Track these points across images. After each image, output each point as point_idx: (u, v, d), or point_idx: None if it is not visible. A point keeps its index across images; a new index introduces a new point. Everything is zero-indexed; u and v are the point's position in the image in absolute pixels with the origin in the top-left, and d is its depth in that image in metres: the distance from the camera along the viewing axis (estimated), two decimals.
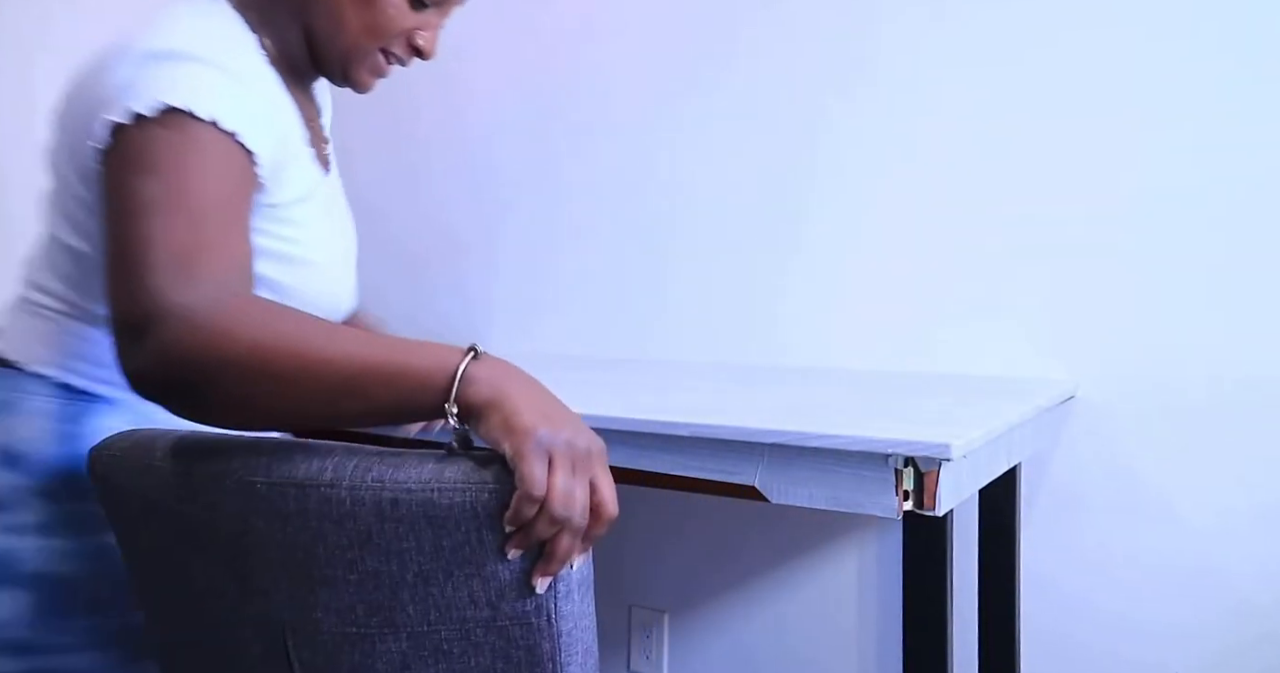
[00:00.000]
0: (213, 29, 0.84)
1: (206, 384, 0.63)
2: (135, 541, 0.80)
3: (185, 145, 0.73)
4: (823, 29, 1.55)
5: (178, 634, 0.81)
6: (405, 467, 0.64)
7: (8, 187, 1.83)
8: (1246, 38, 1.26)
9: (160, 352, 0.63)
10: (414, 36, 0.92)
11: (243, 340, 0.63)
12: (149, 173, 0.71)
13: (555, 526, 0.61)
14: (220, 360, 0.63)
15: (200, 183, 0.72)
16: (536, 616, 0.64)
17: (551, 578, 0.63)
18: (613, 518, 0.63)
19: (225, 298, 0.66)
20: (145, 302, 0.65)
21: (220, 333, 0.63)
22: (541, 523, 0.61)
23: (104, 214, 0.74)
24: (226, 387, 0.63)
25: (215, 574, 0.73)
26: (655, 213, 1.73)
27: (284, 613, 0.70)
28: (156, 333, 0.64)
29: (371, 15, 0.88)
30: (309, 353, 0.63)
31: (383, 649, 0.67)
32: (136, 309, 0.65)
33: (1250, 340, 1.27)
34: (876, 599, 1.54)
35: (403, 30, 0.91)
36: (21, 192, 1.34)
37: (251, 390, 0.63)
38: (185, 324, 0.63)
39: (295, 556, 0.67)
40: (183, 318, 0.63)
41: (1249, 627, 1.29)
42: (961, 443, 0.90)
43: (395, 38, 0.91)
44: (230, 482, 0.68)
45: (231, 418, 0.66)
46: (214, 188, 0.73)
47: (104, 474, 0.79)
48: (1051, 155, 1.38)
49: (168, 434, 0.76)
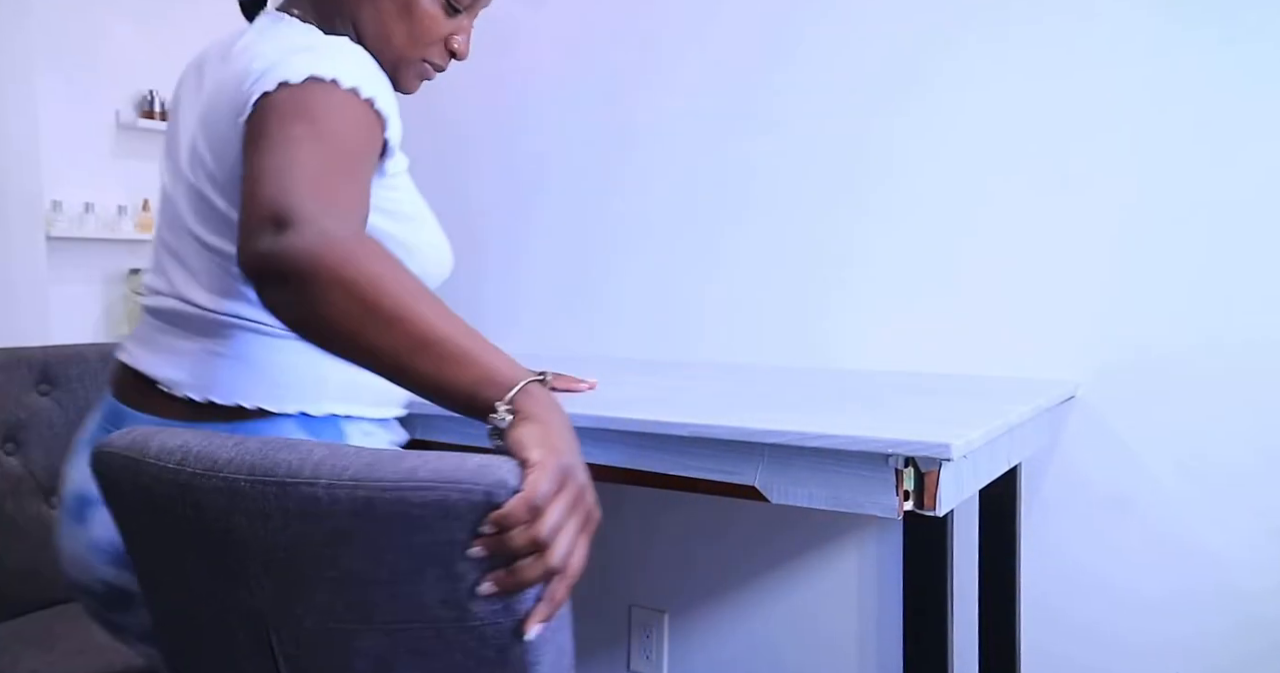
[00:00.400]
0: (313, 32, 0.92)
1: (317, 291, 0.68)
2: (136, 535, 0.81)
3: (331, 99, 0.80)
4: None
5: (175, 626, 0.83)
6: (380, 465, 0.65)
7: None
8: (1248, 37, 1.25)
9: (292, 247, 0.68)
10: (450, 41, 1.00)
11: (366, 271, 0.68)
12: (297, 117, 0.78)
13: (531, 545, 0.61)
14: (339, 277, 0.67)
15: (345, 130, 0.79)
16: (504, 615, 0.64)
17: (544, 624, 0.64)
18: (576, 576, 0.64)
19: (360, 230, 0.73)
20: (292, 204, 0.70)
21: (350, 254, 0.68)
22: (520, 536, 0.61)
23: (245, 157, 0.78)
24: (332, 300, 0.68)
25: (205, 569, 0.74)
26: (657, 213, 1.73)
27: (267, 608, 0.71)
28: (296, 230, 0.69)
29: (413, 26, 0.96)
30: (413, 306, 0.68)
31: (361, 646, 0.68)
32: (280, 208, 0.70)
33: (1250, 341, 1.26)
34: (876, 599, 1.54)
35: (441, 37, 0.99)
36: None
37: (350, 312, 0.68)
38: (323, 235, 0.69)
39: (277, 553, 0.68)
40: (323, 230, 0.69)
41: (1249, 625, 1.28)
42: (961, 443, 0.90)
43: (435, 44, 0.99)
44: (217, 479, 0.69)
45: (315, 329, 0.71)
46: (354, 138, 0.80)
47: (104, 471, 0.80)
48: (1051, 156, 1.38)
49: (162, 432, 0.78)
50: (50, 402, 1.73)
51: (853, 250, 1.54)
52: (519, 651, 0.65)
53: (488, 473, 0.63)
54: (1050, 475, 1.40)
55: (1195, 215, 1.29)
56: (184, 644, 0.82)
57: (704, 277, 1.69)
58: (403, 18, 0.95)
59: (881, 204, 1.52)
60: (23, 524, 1.67)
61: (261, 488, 0.67)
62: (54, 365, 1.75)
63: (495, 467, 0.63)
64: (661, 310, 1.74)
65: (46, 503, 1.70)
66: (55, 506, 1.71)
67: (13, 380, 1.70)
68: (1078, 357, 1.36)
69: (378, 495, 0.64)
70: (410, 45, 0.97)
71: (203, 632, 0.78)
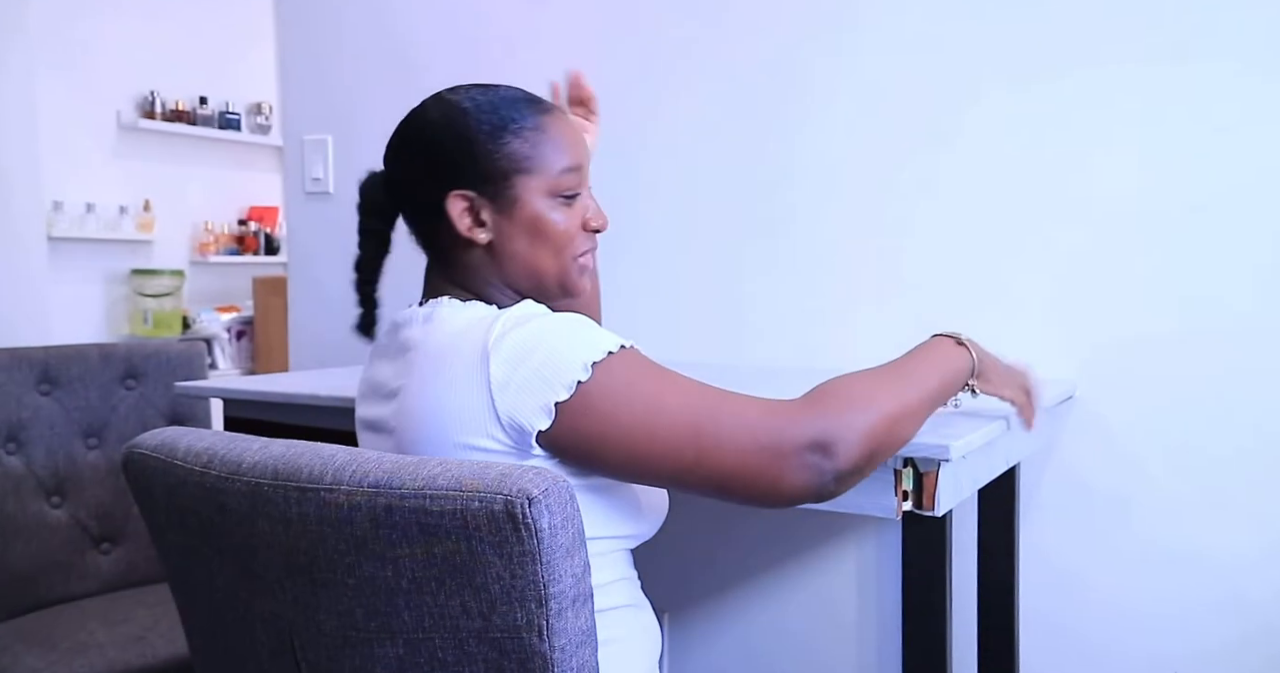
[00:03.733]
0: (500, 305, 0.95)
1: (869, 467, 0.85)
2: (164, 536, 0.82)
3: (629, 365, 0.84)
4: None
5: (202, 626, 0.83)
6: (401, 473, 0.65)
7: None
8: (1250, 37, 1.25)
9: (848, 459, 0.82)
10: (586, 224, 0.97)
11: (878, 436, 0.84)
12: (633, 388, 0.83)
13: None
14: (877, 449, 0.84)
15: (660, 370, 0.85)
16: (528, 630, 0.64)
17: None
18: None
19: (832, 418, 0.83)
20: (803, 434, 0.81)
21: (865, 437, 0.82)
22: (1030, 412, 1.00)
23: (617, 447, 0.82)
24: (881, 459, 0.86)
25: (230, 572, 0.74)
26: (663, 217, 1.73)
27: (289, 614, 0.71)
28: (837, 453, 0.81)
29: (551, 240, 0.94)
30: (911, 406, 0.87)
31: (381, 654, 0.68)
32: (804, 440, 0.81)
33: (1250, 341, 1.27)
34: (876, 599, 1.54)
35: (578, 230, 0.96)
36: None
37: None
38: (845, 441, 0.81)
39: (298, 559, 0.68)
40: (839, 437, 0.81)
41: (1249, 625, 1.29)
42: (961, 443, 0.90)
43: (578, 238, 0.96)
44: (240, 483, 0.70)
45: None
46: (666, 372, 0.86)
47: (134, 472, 0.81)
48: (1051, 155, 1.38)
49: (190, 434, 0.78)
50: (50, 402, 1.74)
51: (851, 251, 1.54)
52: (540, 664, 0.65)
53: (508, 482, 0.62)
54: (1049, 476, 1.40)
55: (1195, 215, 1.29)
56: (211, 645, 0.83)
57: (705, 278, 1.69)
58: (539, 240, 0.94)
59: (879, 202, 1.52)
60: (23, 524, 1.67)
61: (284, 493, 0.67)
62: (54, 365, 1.75)
63: (516, 476, 0.63)
64: (653, 312, 1.74)
65: (47, 503, 1.71)
66: (56, 505, 1.71)
67: (13, 380, 1.70)
68: (1078, 357, 1.36)
69: (397, 504, 0.64)
70: (559, 257, 0.95)
71: (228, 634, 0.78)
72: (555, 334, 0.83)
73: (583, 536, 0.66)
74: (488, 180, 0.92)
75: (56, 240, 3.59)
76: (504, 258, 0.94)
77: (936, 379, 0.91)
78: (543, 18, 1.83)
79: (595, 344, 0.82)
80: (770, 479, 0.81)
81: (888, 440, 0.84)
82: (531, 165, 0.93)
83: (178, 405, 1.86)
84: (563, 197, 0.94)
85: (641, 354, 0.86)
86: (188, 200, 4.18)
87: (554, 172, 0.93)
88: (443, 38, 1.95)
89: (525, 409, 0.81)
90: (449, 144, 0.93)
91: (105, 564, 1.76)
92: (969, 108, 1.44)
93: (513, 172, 0.92)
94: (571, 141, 0.95)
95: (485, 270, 0.95)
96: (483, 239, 0.93)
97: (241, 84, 4.30)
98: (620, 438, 0.81)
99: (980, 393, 0.96)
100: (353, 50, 2.07)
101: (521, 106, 0.94)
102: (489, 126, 0.92)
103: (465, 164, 0.92)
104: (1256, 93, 1.25)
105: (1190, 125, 1.29)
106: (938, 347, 0.96)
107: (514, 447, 0.82)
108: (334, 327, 2.11)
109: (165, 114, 4.01)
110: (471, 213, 0.93)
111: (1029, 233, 1.40)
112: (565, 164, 0.94)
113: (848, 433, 0.81)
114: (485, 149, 0.92)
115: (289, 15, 2.18)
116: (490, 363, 0.81)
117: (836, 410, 0.82)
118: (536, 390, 0.80)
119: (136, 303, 3.92)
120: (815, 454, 0.80)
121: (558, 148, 0.94)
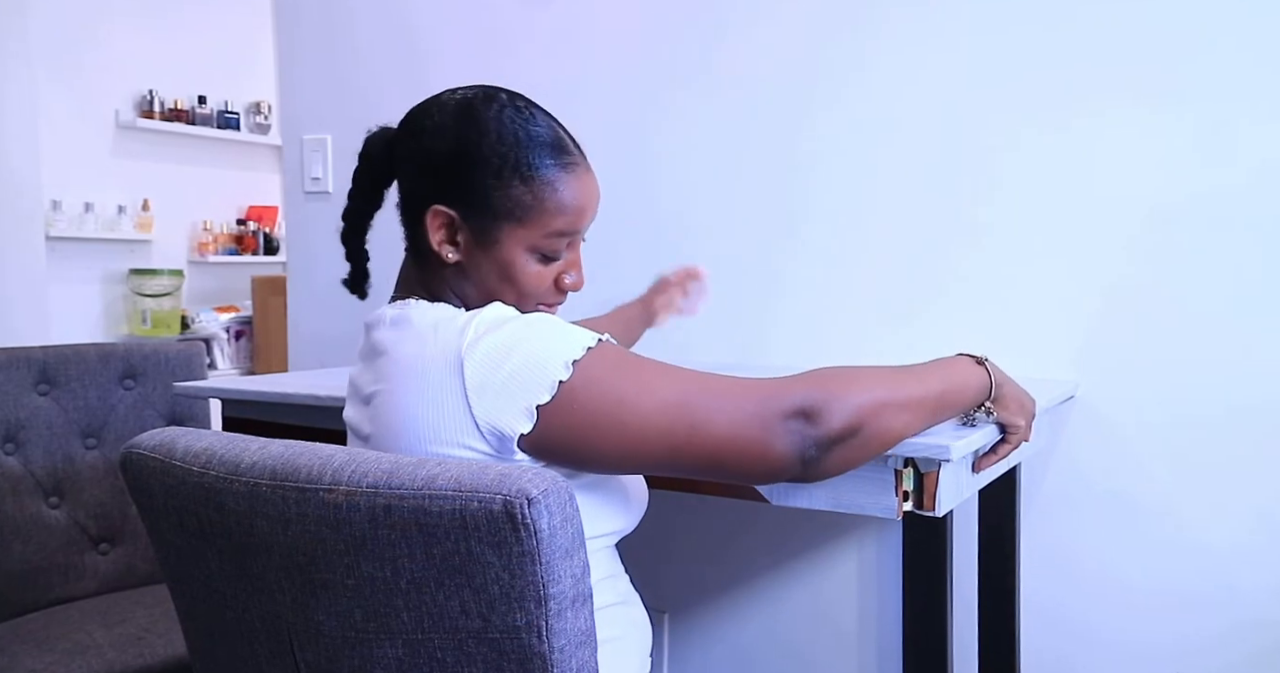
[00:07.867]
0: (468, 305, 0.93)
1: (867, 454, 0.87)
2: (163, 536, 0.82)
3: (608, 357, 0.82)
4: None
5: (201, 627, 0.83)
6: (400, 473, 0.65)
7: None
8: (1255, 35, 1.25)
9: (829, 428, 0.82)
10: (560, 282, 0.95)
11: (864, 414, 0.84)
12: (619, 375, 0.82)
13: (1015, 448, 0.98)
14: (861, 424, 0.83)
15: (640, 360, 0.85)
16: (527, 631, 0.64)
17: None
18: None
19: (822, 395, 0.82)
20: (789, 401, 0.81)
21: (851, 408, 0.82)
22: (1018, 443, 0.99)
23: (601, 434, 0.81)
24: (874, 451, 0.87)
25: (228, 572, 0.74)
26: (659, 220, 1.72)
27: (288, 614, 0.71)
28: (819, 420, 0.81)
29: (518, 286, 0.92)
30: (903, 399, 0.86)
31: (380, 654, 0.68)
32: (789, 406, 0.81)
33: (1250, 340, 1.27)
34: (876, 599, 1.54)
35: (549, 284, 0.94)
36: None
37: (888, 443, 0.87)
38: (830, 409, 0.81)
39: (297, 559, 0.68)
40: (824, 405, 0.81)
41: (1249, 624, 1.29)
42: (961, 444, 0.90)
43: (546, 292, 0.94)
44: (239, 483, 0.70)
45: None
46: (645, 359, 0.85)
47: (133, 473, 0.80)
48: (1052, 155, 1.38)
49: (189, 434, 0.78)
50: (49, 402, 1.73)
51: (850, 251, 1.54)
52: (540, 665, 0.65)
53: (508, 482, 0.62)
54: (1050, 476, 1.40)
55: (1195, 215, 1.29)
56: (209, 646, 0.83)
57: (727, 282, 1.69)
58: (505, 282, 0.91)
59: (879, 202, 1.52)
60: (21, 525, 1.67)
61: (282, 493, 0.67)
62: (53, 365, 1.74)
63: (515, 476, 0.63)
64: None
65: (46, 503, 1.70)
66: (54, 506, 1.71)
67: (11, 380, 1.70)
68: (1078, 357, 1.36)
69: (396, 504, 0.63)
70: (522, 301, 0.92)
71: (227, 635, 0.78)
72: (531, 337, 0.81)
73: (582, 536, 0.66)
74: (476, 212, 0.89)
75: (55, 240, 3.58)
76: (467, 280, 0.93)
77: (940, 384, 0.90)
78: (542, 17, 1.83)
79: (574, 342, 0.81)
80: (760, 448, 0.81)
81: (874, 423, 0.83)
82: (524, 217, 0.89)
83: (176, 406, 1.85)
84: (544, 257, 0.92)
85: (618, 346, 0.85)
86: (186, 200, 4.18)
87: (544, 231, 0.90)
88: (443, 37, 1.94)
89: (505, 414, 0.79)
90: (452, 159, 0.89)
91: (103, 565, 1.75)
92: (974, 115, 1.44)
93: (503, 215, 0.89)
94: (578, 206, 0.91)
95: (451, 281, 0.94)
96: (451, 259, 0.91)
97: (240, 83, 4.29)
98: (611, 426, 0.80)
99: (994, 416, 0.96)
100: (352, 50, 2.07)
101: (544, 152, 0.90)
102: (499, 162, 0.88)
103: (460, 186, 0.89)
104: (1257, 93, 1.25)
105: (1191, 125, 1.29)
106: (954, 360, 0.95)
107: (494, 453, 0.81)
108: (333, 326, 2.11)
109: (164, 113, 4.00)
110: (448, 229, 0.91)
111: (1030, 233, 1.40)
112: (558, 227, 0.90)
113: (833, 402, 0.81)
114: (485, 182, 0.89)
115: (288, 15, 2.18)
116: (465, 369, 0.80)
117: (823, 383, 0.83)
118: (516, 394, 0.79)
119: (135, 303, 3.91)
120: (798, 420, 0.80)
121: (560, 209, 0.90)
